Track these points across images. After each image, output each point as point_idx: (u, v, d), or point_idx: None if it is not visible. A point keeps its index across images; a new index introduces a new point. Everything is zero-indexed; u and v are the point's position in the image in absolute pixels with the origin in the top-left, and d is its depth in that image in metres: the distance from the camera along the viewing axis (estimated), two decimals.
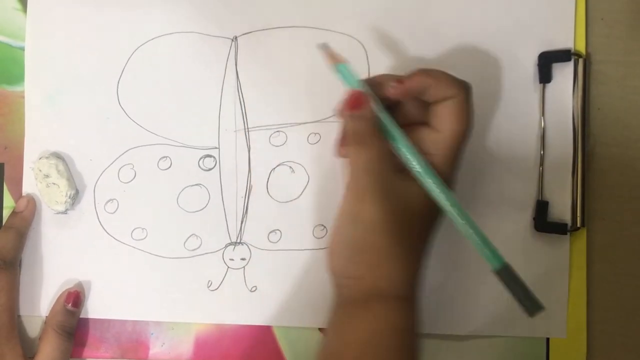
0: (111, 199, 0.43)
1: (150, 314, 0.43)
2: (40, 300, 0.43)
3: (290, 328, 0.42)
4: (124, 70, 0.43)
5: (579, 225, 0.41)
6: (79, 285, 0.43)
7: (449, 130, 0.35)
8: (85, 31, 0.43)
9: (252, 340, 0.42)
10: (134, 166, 0.43)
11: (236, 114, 0.42)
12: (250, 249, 0.42)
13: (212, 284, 0.42)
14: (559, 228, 0.41)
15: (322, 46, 0.36)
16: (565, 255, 0.41)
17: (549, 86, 0.42)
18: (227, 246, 0.42)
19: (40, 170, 0.42)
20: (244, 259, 0.42)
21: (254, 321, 0.42)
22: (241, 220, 0.42)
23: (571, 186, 0.41)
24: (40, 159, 0.42)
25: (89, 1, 0.43)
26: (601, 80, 0.42)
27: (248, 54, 0.42)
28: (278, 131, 0.42)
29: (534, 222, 0.41)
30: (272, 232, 0.42)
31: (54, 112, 0.43)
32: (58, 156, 0.43)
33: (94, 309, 0.43)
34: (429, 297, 0.40)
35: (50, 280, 0.43)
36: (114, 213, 0.43)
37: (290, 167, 0.42)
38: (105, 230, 0.43)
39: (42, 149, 0.43)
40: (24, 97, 0.43)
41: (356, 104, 0.35)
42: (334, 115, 0.42)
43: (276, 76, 0.42)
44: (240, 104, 0.42)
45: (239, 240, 0.42)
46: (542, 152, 0.41)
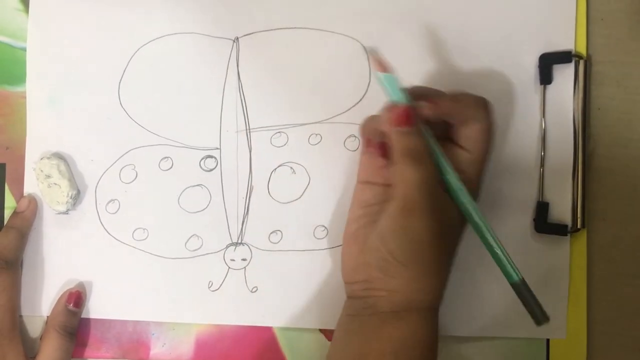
0: (112, 200, 0.43)
1: (151, 314, 0.43)
2: (42, 300, 0.43)
3: (290, 329, 0.42)
4: (125, 71, 0.43)
5: (579, 227, 0.41)
6: (80, 285, 0.43)
7: (479, 151, 0.36)
8: (87, 32, 0.43)
9: (253, 341, 0.43)
10: (135, 167, 0.43)
11: (237, 114, 0.43)
12: (251, 250, 0.42)
13: (213, 284, 0.42)
14: (560, 229, 0.41)
15: (370, 50, 0.35)
16: (565, 257, 0.41)
17: (549, 87, 0.42)
18: (228, 247, 0.43)
19: (41, 171, 0.42)
20: (244, 259, 0.42)
21: (255, 322, 0.42)
22: (242, 220, 0.43)
23: (571, 187, 0.41)
24: (41, 159, 0.42)
25: (90, 2, 0.43)
26: (601, 80, 0.42)
27: (250, 55, 0.42)
28: (279, 132, 0.42)
29: (534, 223, 0.41)
30: (273, 233, 0.42)
31: (56, 113, 0.43)
32: (59, 156, 0.43)
33: (95, 309, 0.43)
34: None
35: (52, 281, 0.43)
36: (115, 213, 0.43)
37: (291, 168, 0.43)
38: (106, 230, 0.43)
39: (44, 150, 0.43)
40: (25, 98, 0.43)
41: (408, 119, 0.34)
42: (335, 117, 0.42)
43: (278, 77, 0.42)
44: (242, 104, 0.43)
45: (240, 241, 0.43)
46: (542, 153, 0.42)
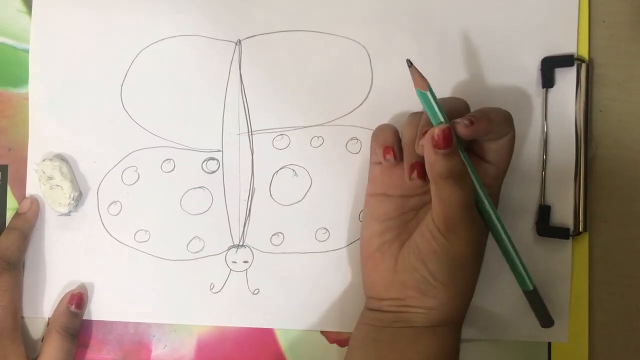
0: (114, 201, 0.43)
1: (152, 316, 0.43)
2: (43, 301, 0.43)
3: (292, 331, 0.42)
4: (127, 73, 0.43)
5: (581, 230, 0.41)
6: (82, 286, 0.43)
7: (503, 164, 0.37)
8: (89, 33, 0.43)
9: (254, 343, 0.43)
10: (137, 168, 0.43)
11: (240, 117, 0.43)
12: (252, 252, 0.42)
13: (214, 286, 0.42)
14: (561, 233, 0.41)
15: (408, 62, 0.35)
16: (567, 260, 0.41)
17: (551, 91, 0.42)
18: (229, 249, 0.43)
19: (43, 172, 0.42)
20: (246, 261, 0.42)
21: (256, 324, 0.42)
22: (244, 223, 0.43)
23: (573, 191, 0.41)
24: (43, 160, 0.42)
25: (93, 3, 0.43)
26: (603, 82, 0.42)
27: (252, 58, 0.42)
28: (281, 134, 0.43)
29: (536, 226, 0.41)
30: (274, 235, 0.42)
31: (58, 114, 0.43)
32: (62, 158, 0.43)
33: (96, 310, 0.43)
34: None
35: (53, 282, 0.43)
36: (117, 215, 0.43)
37: (293, 170, 0.43)
38: (108, 232, 0.43)
39: (46, 151, 0.43)
40: (28, 99, 0.43)
41: (449, 142, 0.34)
42: (337, 119, 0.42)
43: (280, 80, 0.42)
44: (244, 107, 0.43)
45: (241, 243, 0.43)
46: (544, 156, 0.42)
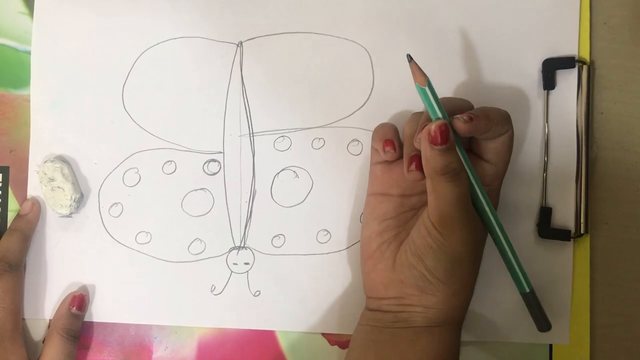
0: (116, 203, 0.43)
1: (153, 317, 0.43)
2: (45, 303, 0.43)
3: (293, 333, 0.42)
4: (129, 75, 0.43)
5: (582, 232, 0.41)
6: (84, 288, 0.43)
7: (502, 163, 0.37)
8: (91, 35, 0.43)
9: (255, 345, 0.42)
10: (138, 170, 0.43)
11: (241, 118, 0.43)
12: (253, 254, 0.42)
13: (215, 288, 0.42)
14: (563, 234, 0.41)
15: (408, 57, 0.35)
16: (568, 262, 0.41)
17: (552, 93, 0.42)
18: (230, 250, 0.43)
19: (45, 174, 0.42)
20: (247, 263, 0.42)
21: (257, 326, 0.42)
22: (245, 224, 0.43)
23: (575, 192, 0.41)
24: (45, 162, 0.42)
25: (95, 5, 0.43)
26: (604, 84, 0.42)
27: (253, 59, 0.43)
28: (282, 136, 0.43)
29: (537, 228, 0.41)
30: (275, 237, 0.42)
31: (59, 116, 0.43)
32: (63, 160, 0.43)
33: (97, 312, 0.43)
34: None
35: (55, 284, 0.43)
36: (118, 217, 0.43)
37: (294, 172, 0.43)
38: (109, 233, 0.43)
39: (47, 153, 0.43)
40: (29, 101, 0.43)
41: (444, 137, 0.34)
42: (338, 121, 0.42)
43: (281, 81, 0.43)
44: (245, 108, 0.43)
45: (242, 245, 0.43)
46: (545, 158, 0.42)
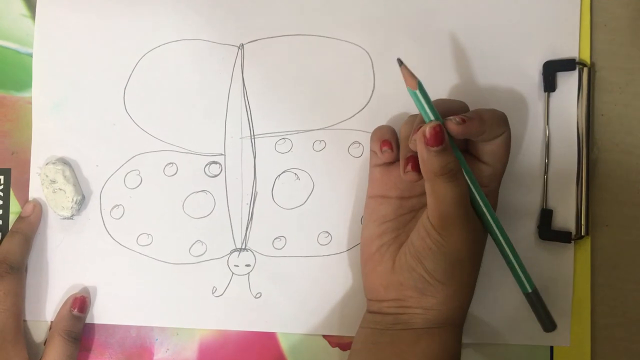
0: (117, 205, 0.43)
1: (154, 319, 0.43)
2: (46, 305, 0.43)
3: (294, 335, 0.42)
4: (130, 77, 0.43)
5: (583, 234, 0.41)
6: (85, 290, 0.43)
7: (499, 164, 0.37)
8: (92, 38, 0.43)
9: (256, 346, 0.43)
10: (140, 172, 0.43)
11: (242, 121, 0.43)
12: (255, 256, 0.43)
13: (216, 290, 0.43)
14: (563, 236, 0.41)
15: (401, 63, 0.35)
16: (569, 264, 0.41)
17: (553, 95, 0.42)
18: (232, 252, 0.43)
19: (46, 176, 0.42)
20: (248, 265, 0.43)
21: (258, 327, 0.42)
22: (246, 226, 0.43)
23: (575, 194, 0.41)
24: (46, 164, 0.42)
25: (96, 8, 0.43)
26: (604, 86, 0.42)
27: (254, 62, 0.43)
28: (283, 138, 0.43)
29: (538, 230, 0.41)
30: (277, 239, 0.43)
31: (61, 118, 0.43)
32: (64, 162, 0.43)
33: (99, 314, 0.43)
34: None
35: (56, 285, 0.43)
36: (119, 219, 0.43)
37: (295, 174, 0.43)
38: (110, 235, 0.43)
39: (49, 155, 0.43)
40: (31, 103, 0.43)
41: (441, 139, 0.34)
42: (339, 123, 0.42)
43: (282, 83, 0.43)
44: (246, 111, 0.43)
45: (243, 247, 0.43)
46: (546, 160, 0.42)
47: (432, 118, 0.35)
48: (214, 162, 0.43)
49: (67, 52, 0.43)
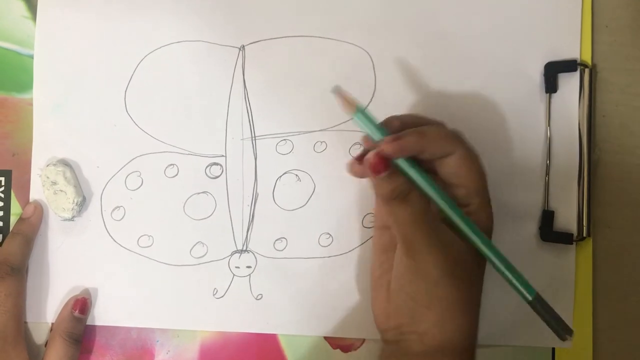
0: (118, 206, 0.43)
1: (155, 321, 0.43)
2: (47, 306, 0.43)
3: (295, 336, 0.42)
4: (131, 78, 0.43)
5: (584, 235, 0.41)
6: (86, 292, 0.43)
7: (470, 182, 0.35)
8: (93, 39, 0.43)
9: (257, 348, 0.42)
10: (141, 174, 0.43)
11: (243, 122, 0.43)
12: (256, 257, 0.42)
13: (217, 291, 0.42)
14: (565, 238, 0.41)
15: (335, 89, 0.34)
16: (571, 265, 0.41)
17: (555, 96, 0.42)
18: (233, 254, 0.43)
19: (47, 177, 0.42)
20: (249, 266, 0.42)
21: (259, 329, 0.42)
22: (247, 228, 0.43)
23: (577, 196, 0.41)
24: (47, 166, 0.42)
25: (97, 9, 0.43)
26: (606, 87, 0.42)
27: (255, 63, 0.43)
28: (285, 139, 0.43)
29: (539, 232, 0.41)
30: (278, 240, 0.42)
31: (62, 120, 0.43)
32: (65, 163, 0.43)
33: (100, 315, 0.43)
34: None
35: (57, 287, 0.43)
36: (120, 220, 0.43)
37: (296, 175, 0.43)
38: (111, 237, 0.43)
39: (50, 156, 0.43)
40: (32, 105, 0.43)
41: (380, 167, 0.33)
42: (340, 124, 0.42)
43: (283, 85, 0.43)
44: (247, 112, 0.43)
45: (244, 248, 0.43)
46: (548, 161, 0.42)
47: (379, 138, 0.34)
48: (215, 164, 0.43)
49: (68, 53, 0.43)
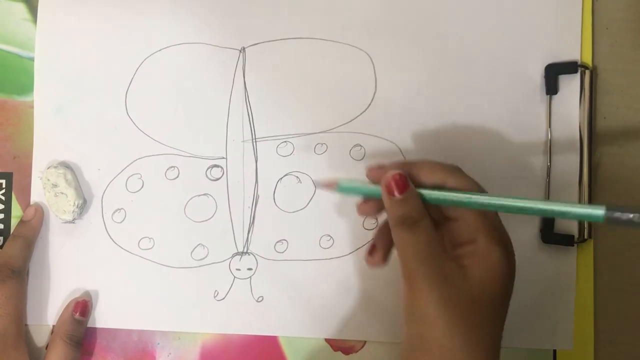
0: (119, 209, 0.43)
1: (156, 323, 0.43)
2: (48, 309, 0.43)
3: (296, 338, 0.42)
4: (132, 81, 0.43)
5: (585, 237, 0.41)
6: (87, 294, 0.43)
7: (467, 214, 0.34)
8: (94, 41, 0.43)
9: (258, 350, 0.42)
10: (141, 176, 0.43)
11: (244, 124, 0.43)
12: (256, 259, 0.42)
13: (218, 293, 0.42)
14: (566, 240, 0.41)
15: (316, 183, 0.37)
16: (572, 267, 0.41)
17: (555, 98, 0.42)
18: (233, 256, 0.43)
19: (48, 180, 0.42)
20: (250, 269, 0.42)
21: (260, 331, 0.42)
22: (248, 230, 0.43)
23: (578, 197, 0.41)
24: (48, 168, 0.42)
25: (98, 12, 0.43)
26: (606, 89, 0.42)
27: (256, 65, 0.43)
28: (285, 141, 0.43)
29: (541, 233, 0.41)
30: (278, 242, 0.42)
31: (63, 122, 0.43)
32: (66, 165, 0.43)
33: (100, 318, 0.43)
34: None
35: (58, 289, 0.43)
36: (121, 222, 0.43)
37: (297, 177, 0.43)
38: (112, 239, 0.43)
39: (51, 159, 0.43)
40: (33, 107, 0.43)
41: (403, 185, 0.33)
42: (341, 126, 0.42)
43: (284, 87, 0.43)
44: (248, 114, 0.43)
45: (245, 250, 0.43)
46: (548, 163, 0.42)
47: (376, 194, 0.34)
48: (216, 166, 0.43)
49: (68, 56, 0.43)
